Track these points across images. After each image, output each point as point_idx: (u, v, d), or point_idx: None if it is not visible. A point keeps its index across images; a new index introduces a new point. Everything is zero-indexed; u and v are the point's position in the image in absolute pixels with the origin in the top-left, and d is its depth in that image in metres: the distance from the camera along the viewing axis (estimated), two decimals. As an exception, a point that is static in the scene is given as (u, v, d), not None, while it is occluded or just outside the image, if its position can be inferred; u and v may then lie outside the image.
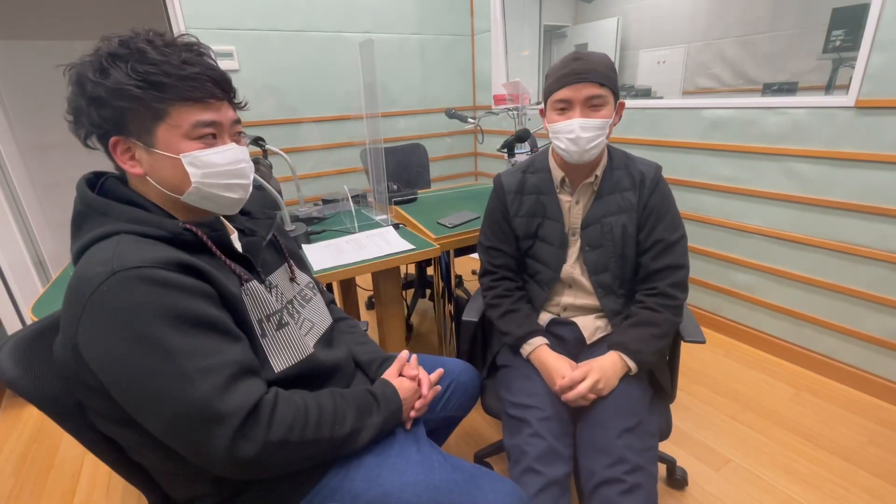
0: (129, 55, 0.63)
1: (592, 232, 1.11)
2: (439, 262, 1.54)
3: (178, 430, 0.59)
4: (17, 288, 1.83)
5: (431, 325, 2.39)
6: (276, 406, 0.65)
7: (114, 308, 0.57)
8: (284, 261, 0.91)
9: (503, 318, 1.16)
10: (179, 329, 0.59)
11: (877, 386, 1.71)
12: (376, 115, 1.62)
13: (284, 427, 0.65)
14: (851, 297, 1.73)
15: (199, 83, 0.66)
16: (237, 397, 0.61)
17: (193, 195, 0.70)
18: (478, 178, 3.69)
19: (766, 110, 1.82)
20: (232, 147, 0.72)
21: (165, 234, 0.65)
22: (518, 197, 1.17)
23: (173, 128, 0.66)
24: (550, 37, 5.03)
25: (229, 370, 0.61)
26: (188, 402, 0.58)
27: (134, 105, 0.63)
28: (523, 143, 1.83)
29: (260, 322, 0.73)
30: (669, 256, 1.07)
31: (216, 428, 0.59)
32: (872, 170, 1.59)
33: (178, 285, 0.60)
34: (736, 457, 1.47)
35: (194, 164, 0.68)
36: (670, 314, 1.05)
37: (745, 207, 1.98)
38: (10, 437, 1.74)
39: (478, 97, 3.43)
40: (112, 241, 0.63)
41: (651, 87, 4.02)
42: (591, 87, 0.98)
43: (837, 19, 2.16)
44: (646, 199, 1.08)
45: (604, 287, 1.13)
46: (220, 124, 0.70)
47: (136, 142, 0.66)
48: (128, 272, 0.58)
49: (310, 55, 2.71)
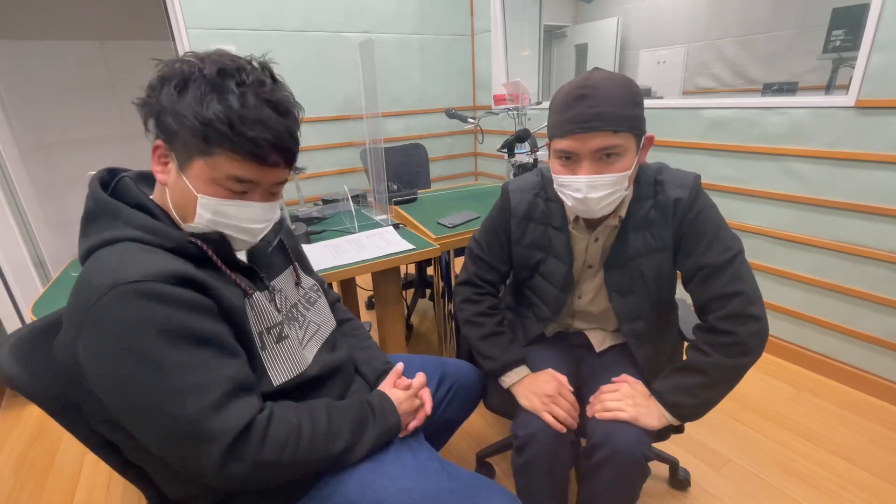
0: (216, 86, 0.61)
1: (619, 276, 0.95)
2: (439, 262, 1.54)
3: (168, 445, 0.59)
4: (17, 288, 1.83)
5: (431, 325, 2.39)
6: (269, 425, 0.64)
7: (111, 322, 0.57)
8: (290, 263, 0.90)
9: (486, 339, 1.03)
10: (175, 345, 0.58)
11: (877, 386, 1.71)
12: (376, 115, 1.62)
13: (276, 447, 0.63)
14: (851, 297, 1.73)
15: (260, 149, 0.63)
16: (229, 416, 0.60)
17: (192, 228, 0.68)
18: (478, 178, 3.68)
19: (767, 110, 1.82)
20: (256, 206, 0.68)
21: (170, 245, 0.64)
22: (524, 223, 1.01)
23: (209, 168, 0.63)
24: (550, 37, 5.03)
25: (223, 388, 0.60)
26: (179, 419, 0.57)
27: (186, 133, 0.61)
28: (523, 143, 1.82)
29: (261, 334, 0.72)
30: (716, 283, 0.87)
31: (206, 446, 0.58)
32: (872, 170, 1.59)
33: (177, 300, 0.59)
34: (736, 457, 1.47)
35: (207, 207, 0.65)
36: (722, 356, 0.85)
37: (745, 207, 1.98)
38: (10, 437, 1.74)
39: (478, 97, 3.43)
40: (118, 248, 0.62)
41: (651, 87, 4.03)
42: (603, 136, 0.78)
43: (837, 19, 2.16)
44: (678, 227, 0.90)
45: (638, 337, 0.98)
46: (258, 183, 0.67)
47: (174, 158, 0.65)
48: (128, 286, 0.57)
49: (310, 55, 2.70)
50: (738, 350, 0.84)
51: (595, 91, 0.78)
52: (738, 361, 0.85)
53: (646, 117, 0.84)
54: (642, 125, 0.83)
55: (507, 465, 1.47)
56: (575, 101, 0.79)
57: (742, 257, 0.89)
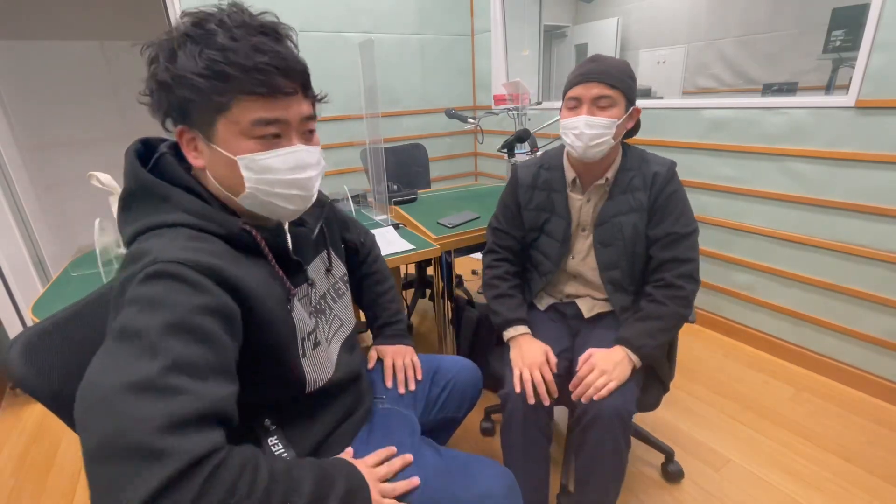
0: (199, 37, 0.59)
1: (604, 231, 1.15)
2: (439, 262, 1.54)
3: (104, 452, 0.46)
4: (17, 288, 1.83)
5: (431, 325, 2.39)
6: (226, 461, 0.51)
7: (141, 295, 0.53)
8: (324, 249, 0.87)
9: (498, 299, 1.22)
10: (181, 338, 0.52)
11: (877, 386, 1.71)
12: (376, 115, 1.62)
13: (225, 490, 0.50)
14: (851, 297, 1.73)
15: (266, 76, 0.59)
16: (190, 440, 0.48)
17: (248, 200, 0.65)
18: (478, 178, 3.68)
19: (767, 110, 1.82)
20: (297, 149, 0.66)
21: (223, 232, 0.62)
22: (530, 191, 1.23)
23: (233, 124, 0.61)
24: (550, 37, 5.03)
25: (204, 404, 0.50)
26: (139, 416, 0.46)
27: (196, 97, 0.59)
28: (523, 143, 1.83)
29: (303, 341, 0.70)
30: (678, 249, 1.09)
31: (151, 464, 0.45)
32: (872, 170, 1.59)
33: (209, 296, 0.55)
34: (736, 457, 1.47)
35: (250, 167, 0.63)
36: (676, 306, 1.07)
37: (746, 207, 1.98)
38: (10, 437, 1.74)
39: (478, 97, 3.43)
40: (174, 232, 0.60)
41: (651, 87, 4.03)
42: (601, 87, 1.03)
43: (837, 19, 2.16)
44: (655, 197, 1.11)
45: (614, 284, 1.17)
46: (286, 122, 0.64)
47: (199, 133, 0.62)
48: (167, 264, 0.54)
49: (310, 55, 2.68)
50: (685, 302, 1.08)
51: (601, 59, 1.06)
52: (684, 311, 1.08)
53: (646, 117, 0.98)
54: (632, 95, 1.07)
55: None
56: (586, 63, 1.06)
57: (697, 234, 1.12)
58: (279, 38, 0.64)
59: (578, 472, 1.07)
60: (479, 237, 1.56)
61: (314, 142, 0.71)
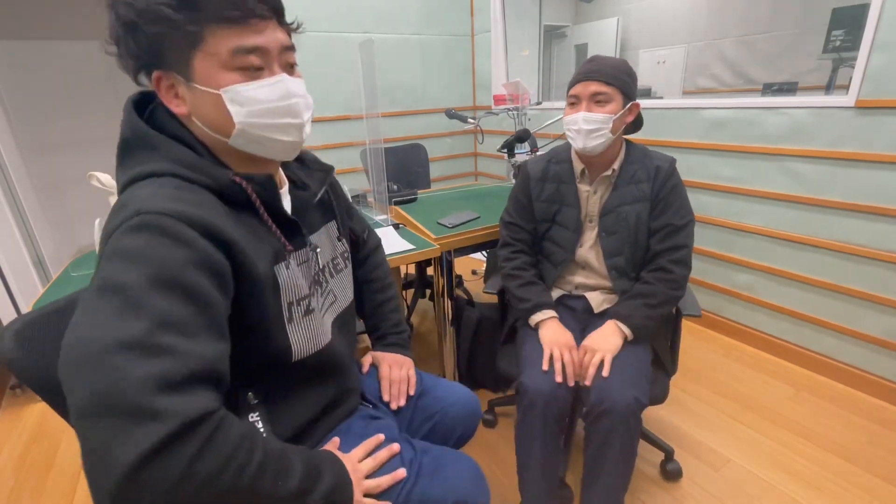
0: None
1: (609, 220, 1.22)
2: (439, 262, 1.54)
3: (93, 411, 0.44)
4: (17, 288, 1.83)
5: (431, 325, 2.39)
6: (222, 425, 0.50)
7: (121, 247, 0.51)
8: (333, 217, 0.85)
9: (524, 287, 1.26)
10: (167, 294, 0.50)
11: (877, 386, 1.71)
12: (376, 115, 1.62)
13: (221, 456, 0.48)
14: (851, 297, 1.73)
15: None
16: (187, 397, 0.47)
17: (240, 138, 0.62)
18: (478, 178, 3.68)
19: (766, 110, 1.82)
20: (282, 79, 0.62)
21: (213, 185, 0.60)
22: (540, 184, 1.29)
23: (210, 56, 0.57)
24: (550, 37, 5.03)
25: (193, 364, 0.49)
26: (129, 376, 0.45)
27: (167, 29, 0.56)
28: (523, 143, 1.83)
29: (290, 306, 0.67)
30: (674, 238, 1.18)
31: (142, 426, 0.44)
32: (872, 170, 1.59)
33: (195, 249, 0.53)
34: (736, 457, 1.47)
35: (236, 100, 0.59)
36: (665, 286, 1.16)
37: (745, 207, 1.98)
38: (10, 437, 1.74)
39: (478, 97, 3.43)
40: (158, 181, 0.58)
41: (651, 87, 4.03)
42: (597, 84, 1.11)
43: (837, 19, 2.16)
44: (659, 189, 1.19)
45: (617, 270, 1.24)
46: (266, 51, 0.61)
47: (177, 75, 0.59)
48: (150, 216, 0.52)
49: (310, 55, 2.70)
50: (675, 285, 1.17)
51: (599, 59, 1.14)
52: (674, 292, 1.17)
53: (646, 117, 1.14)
54: (629, 91, 1.14)
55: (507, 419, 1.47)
56: (585, 64, 1.15)
57: (693, 224, 1.21)
58: None
59: (588, 463, 1.09)
60: (479, 237, 1.56)
61: (295, 71, 0.68)
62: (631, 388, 1.03)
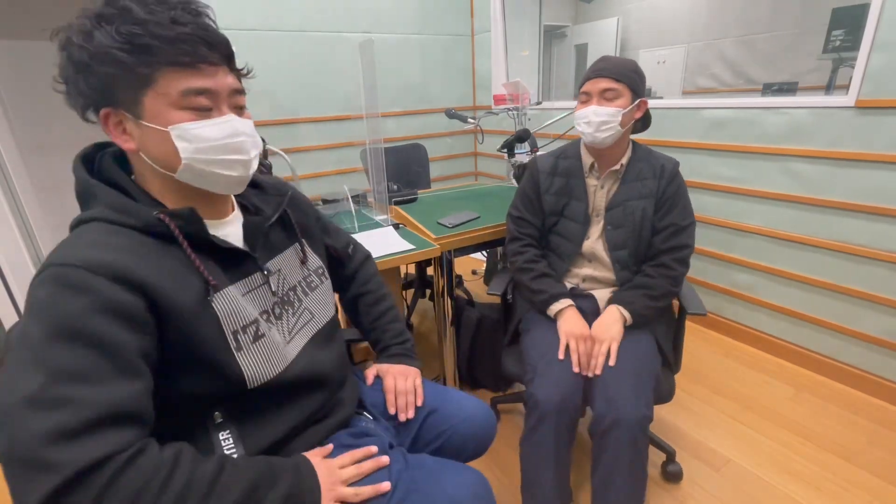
0: (114, 15, 0.58)
1: (616, 214, 1.26)
2: (439, 262, 1.54)
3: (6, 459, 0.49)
4: (17, 288, 1.83)
5: (431, 325, 2.39)
6: (126, 467, 0.51)
7: (31, 301, 0.55)
8: (296, 240, 0.84)
9: (538, 279, 1.28)
10: (65, 343, 0.52)
11: (877, 386, 1.71)
12: (376, 115, 1.62)
13: (127, 495, 0.50)
14: (851, 297, 1.73)
15: (190, 45, 0.59)
16: (79, 447, 0.49)
17: (186, 173, 0.63)
18: (478, 178, 3.68)
19: (766, 110, 1.82)
20: (230, 119, 0.65)
21: (139, 224, 0.61)
22: (550, 177, 1.34)
23: (161, 96, 0.60)
24: (550, 37, 5.03)
25: (91, 412, 0.50)
26: (29, 432, 0.48)
27: (119, 71, 0.58)
28: (523, 143, 1.83)
29: (235, 334, 0.66)
30: (678, 238, 1.23)
31: (39, 476, 0.47)
32: (872, 170, 1.59)
33: (96, 295, 0.54)
34: (736, 457, 1.47)
35: (184, 137, 0.61)
36: (665, 281, 1.21)
37: (745, 207, 1.98)
38: (10, 437, 1.74)
39: (478, 97, 3.43)
40: (85, 228, 0.61)
41: (651, 87, 4.03)
42: (606, 81, 1.18)
43: (837, 19, 2.16)
44: (664, 188, 1.24)
45: (621, 262, 1.27)
46: (216, 93, 0.63)
47: (126, 113, 0.61)
48: (56, 269, 0.55)
49: (310, 55, 2.70)
50: (673, 281, 1.22)
51: (608, 59, 1.21)
52: (673, 289, 1.23)
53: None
54: (638, 88, 1.19)
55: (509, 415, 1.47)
56: (596, 63, 1.22)
57: (694, 226, 1.26)
58: (197, 12, 0.63)
59: (597, 479, 1.07)
60: (479, 237, 1.56)
61: (244, 112, 0.69)
62: (635, 400, 1.03)
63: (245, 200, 0.80)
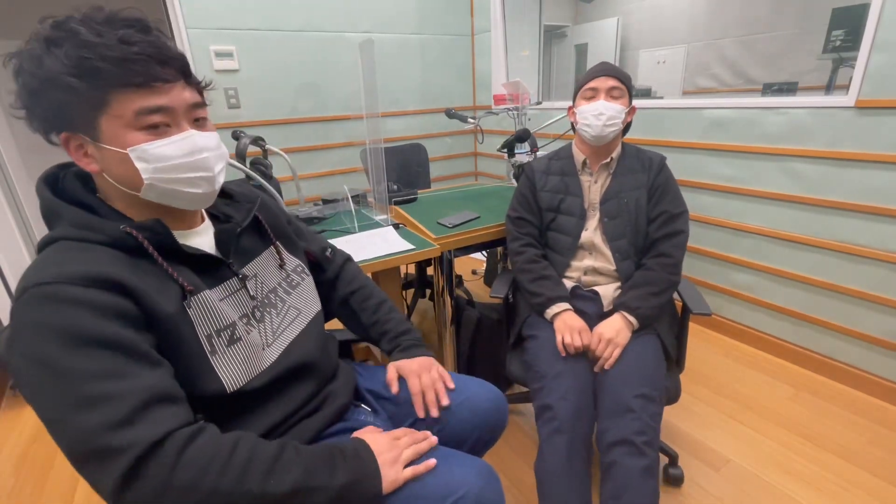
0: (62, 39, 0.56)
1: (611, 206, 1.31)
2: (439, 262, 1.54)
3: (75, 460, 0.53)
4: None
5: (431, 325, 2.39)
6: (190, 442, 0.55)
7: (20, 325, 0.55)
8: (270, 244, 0.85)
9: (536, 281, 1.30)
10: (80, 351, 0.54)
11: (877, 386, 1.71)
12: (376, 115, 1.62)
13: (196, 469, 0.54)
14: (851, 297, 1.73)
15: (141, 65, 0.58)
16: (140, 429, 0.53)
17: (150, 192, 0.63)
18: (478, 178, 3.68)
19: (766, 110, 1.82)
20: (189, 135, 0.64)
21: (106, 240, 0.61)
22: (545, 176, 1.40)
23: (116, 118, 0.59)
24: (550, 37, 5.03)
25: (135, 399, 0.54)
26: (81, 431, 0.52)
27: (71, 96, 0.57)
28: (523, 143, 1.83)
29: (209, 338, 0.66)
30: (672, 224, 1.27)
31: (108, 462, 0.51)
32: (872, 170, 1.59)
33: (85, 303, 0.55)
34: (736, 457, 1.47)
35: (143, 158, 0.60)
36: (665, 273, 1.24)
37: (745, 207, 1.98)
38: (10, 437, 1.74)
39: (478, 97, 3.43)
40: (52, 248, 0.60)
41: (651, 87, 4.03)
42: (614, 80, 1.25)
43: (837, 19, 2.16)
44: (653, 179, 1.30)
45: (621, 252, 1.30)
46: (172, 110, 0.62)
47: (84, 136, 0.60)
48: (37, 289, 0.55)
49: (310, 55, 2.70)
50: (673, 269, 1.24)
51: (609, 63, 1.30)
52: (673, 278, 1.24)
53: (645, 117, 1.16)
54: (632, 94, 1.30)
55: (520, 416, 1.47)
56: (599, 64, 1.30)
57: (687, 214, 1.30)
58: (147, 29, 0.62)
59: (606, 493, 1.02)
60: (478, 237, 1.56)
61: (206, 126, 0.68)
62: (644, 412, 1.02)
63: (215, 210, 0.80)
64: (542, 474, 1.06)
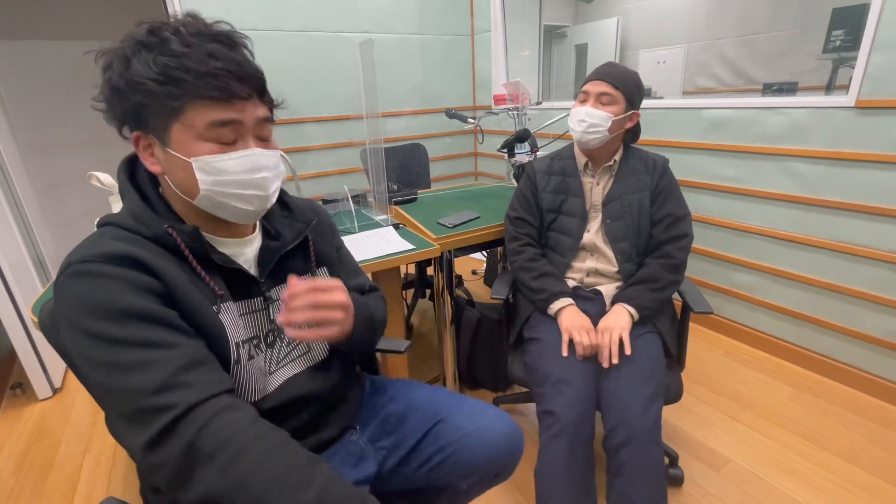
0: (154, 45, 0.59)
1: (613, 207, 1.31)
2: (439, 262, 1.54)
3: (122, 421, 0.56)
4: (17, 288, 1.83)
5: (431, 325, 2.39)
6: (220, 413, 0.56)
7: (63, 299, 0.58)
8: (310, 271, 0.83)
9: (538, 278, 1.30)
10: (119, 321, 0.56)
11: (877, 386, 1.71)
12: (376, 115, 1.62)
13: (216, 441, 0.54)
14: (851, 297, 1.73)
15: (221, 80, 0.60)
16: (183, 390, 0.56)
17: (204, 201, 0.65)
18: (478, 178, 3.68)
19: (766, 110, 1.82)
20: (252, 153, 0.66)
21: (149, 234, 0.64)
22: (546, 176, 1.39)
23: (187, 127, 0.61)
24: (550, 37, 5.03)
25: (176, 363, 0.57)
26: (128, 392, 0.55)
27: (150, 100, 0.60)
28: (523, 143, 1.83)
29: (238, 346, 0.68)
30: (677, 228, 1.27)
31: (152, 420, 0.54)
32: (872, 170, 1.59)
33: (120, 278, 0.58)
34: (736, 457, 1.47)
35: (205, 169, 0.63)
36: (666, 271, 1.24)
37: (745, 207, 1.98)
38: (10, 437, 1.74)
39: (478, 97, 3.43)
40: (103, 231, 0.64)
41: (651, 87, 4.03)
42: (605, 85, 1.22)
43: (837, 19, 2.16)
44: (657, 181, 1.30)
45: (623, 254, 1.30)
46: (241, 124, 0.64)
47: (154, 139, 0.63)
48: (78, 265, 0.58)
49: (310, 55, 2.70)
50: (677, 269, 1.25)
51: (613, 65, 1.26)
52: (674, 277, 1.25)
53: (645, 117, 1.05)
54: (634, 99, 1.25)
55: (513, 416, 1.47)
56: (602, 66, 1.27)
57: (690, 216, 1.30)
58: (233, 45, 0.65)
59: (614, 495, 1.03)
60: (478, 237, 1.56)
61: (270, 143, 0.71)
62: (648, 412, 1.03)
63: (268, 223, 0.80)
64: (541, 480, 1.07)
